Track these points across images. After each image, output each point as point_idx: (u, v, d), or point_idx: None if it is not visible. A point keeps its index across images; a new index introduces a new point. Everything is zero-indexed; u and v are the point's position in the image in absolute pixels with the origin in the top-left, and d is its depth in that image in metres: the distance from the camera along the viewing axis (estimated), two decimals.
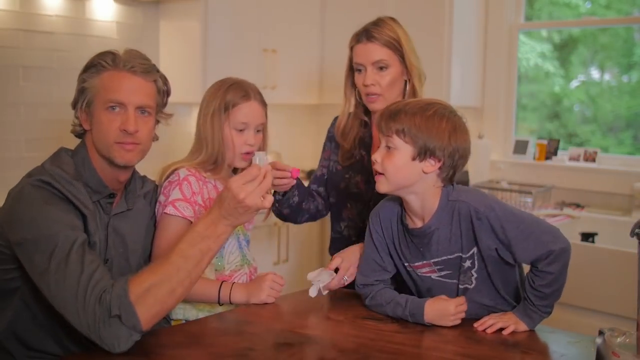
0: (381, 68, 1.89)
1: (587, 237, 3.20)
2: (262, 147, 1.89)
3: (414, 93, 1.94)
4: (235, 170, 1.93)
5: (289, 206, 1.95)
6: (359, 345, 1.41)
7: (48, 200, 1.43)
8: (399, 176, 1.49)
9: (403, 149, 1.48)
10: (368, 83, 1.90)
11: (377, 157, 1.52)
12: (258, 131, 1.85)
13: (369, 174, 1.90)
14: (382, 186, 1.52)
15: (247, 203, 1.36)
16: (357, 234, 2.00)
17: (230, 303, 1.74)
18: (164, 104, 1.67)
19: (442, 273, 1.55)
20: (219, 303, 1.74)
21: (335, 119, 2.10)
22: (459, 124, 1.51)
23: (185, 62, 3.45)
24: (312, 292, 1.69)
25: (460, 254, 1.52)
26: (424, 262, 1.57)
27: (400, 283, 1.70)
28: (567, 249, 1.49)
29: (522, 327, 1.53)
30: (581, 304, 3.02)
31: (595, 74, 4.06)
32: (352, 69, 1.97)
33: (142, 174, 1.77)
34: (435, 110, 1.49)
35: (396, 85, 1.93)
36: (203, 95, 1.88)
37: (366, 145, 2.01)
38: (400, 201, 1.58)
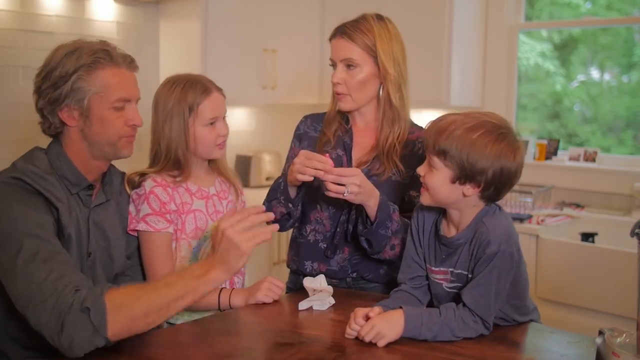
0: (349, 66, 1.80)
1: (587, 237, 3.20)
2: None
3: (389, 100, 1.82)
4: (210, 162, 1.89)
5: (294, 204, 1.78)
6: (359, 346, 1.41)
7: (18, 197, 1.43)
8: (440, 194, 1.49)
9: (442, 171, 1.46)
10: (334, 81, 1.82)
11: (421, 171, 1.52)
12: (223, 118, 1.86)
13: None
14: (424, 199, 1.53)
15: (242, 249, 1.37)
16: (324, 240, 1.85)
17: (231, 308, 1.73)
18: None
19: (453, 285, 1.55)
20: (220, 309, 1.73)
21: (305, 117, 2.03)
22: (507, 146, 1.43)
23: (185, 62, 3.44)
24: (302, 306, 1.66)
25: (468, 274, 1.52)
26: (442, 268, 1.56)
27: None
28: (479, 333, 1.47)
29: (392, 335, 1.42)
30: (581, 304, 3.02)
31: (595, 74, 4.06)
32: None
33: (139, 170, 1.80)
34: (483, 133, 1.42)
35: (367, 87, 1.82)
36: (154, 99, 1.82)
37: (346, 146, 1.88)
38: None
